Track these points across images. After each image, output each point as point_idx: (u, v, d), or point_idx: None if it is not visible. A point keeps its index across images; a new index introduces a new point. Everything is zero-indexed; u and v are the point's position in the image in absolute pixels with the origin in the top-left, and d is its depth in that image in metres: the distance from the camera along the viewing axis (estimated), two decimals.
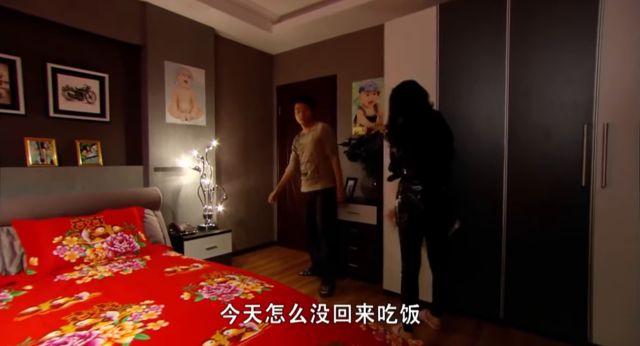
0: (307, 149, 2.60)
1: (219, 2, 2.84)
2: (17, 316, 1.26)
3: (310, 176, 2.60)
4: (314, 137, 2.57)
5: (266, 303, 1.35)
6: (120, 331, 1.12)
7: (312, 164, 2.59)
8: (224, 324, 1.17)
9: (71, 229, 1.94)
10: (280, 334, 1.12)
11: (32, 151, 2.17)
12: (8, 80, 2.07)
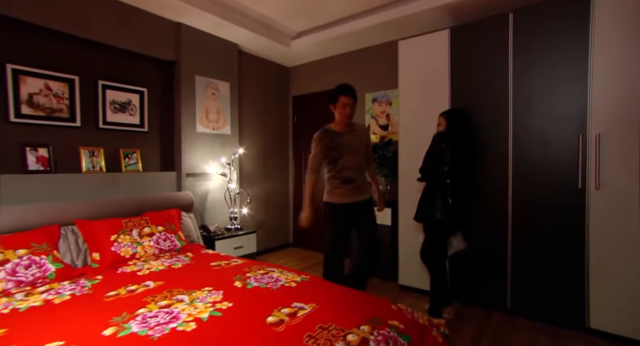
0: (354, 152, 2.15)
1: (244, 21, 3.11)
2: (104, 297, 1.50)
3: (360, 184, 2.19)
4: (364, 139, 2.22)
5: (307, 290, 1.59)
6: (195, 309, 1.36)
7: (361, 170, 2.21)
8: (279, 304, 1.40)
9: (123, 228, 2.18)
10: (329, 311, 1.35)
11: (86, 159, 2.42)
12: (68, 96, 2.33)
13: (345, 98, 2.10)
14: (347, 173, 2.14)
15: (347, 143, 2.15)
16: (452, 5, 2.63)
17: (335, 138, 2.14)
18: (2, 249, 1.68)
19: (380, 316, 1.33)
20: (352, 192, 2.16)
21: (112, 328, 1.21)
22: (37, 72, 2.19)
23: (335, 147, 2.14)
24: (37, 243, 1.81)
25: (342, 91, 2.11)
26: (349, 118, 2.14)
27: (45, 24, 2.16)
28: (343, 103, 2.10)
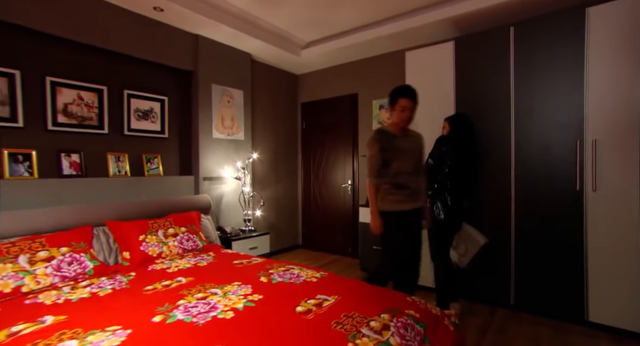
0: (409, 157, 2.04)
1: (257, 32, 3.27)
2: (142, 291, 1.64)
3: (415, 190, 2.07)
4: (419, 146, 2.13)
5: (328, 284, 1.73)
6: (229, 301, 1.50)
7: (416, 177, 2.07)
8: (305, 296, 1.54)
9: (150, 229, 2.33)
10: (351, 302, 1.49)
11: (112, 164, 2.57)
12: (97, 105, 2.48)
13: (405, 101, 1.96)
14: (401, 179, 2.00)
15: (403, 146, 2.02)
16: (457, 18, 2.79)
17: (391, 140, 2.02)
18: (48, 247, 1.83)
19: (397, 306, 1.47)
20: (406, 199, 2.02)
21: (160, 316, 1.35)
22: (71, 83, 2.35)
23: (389, 148, 2.00)
24: (76, 242, 1.96)
25: (401, 93, 1.98)
26: (408, 122, 2.01)
27: (79, 39, 2.32)
28: (402, 106, 1.97)
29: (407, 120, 2.00)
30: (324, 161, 4.20)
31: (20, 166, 2.11)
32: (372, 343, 1.16)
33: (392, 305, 1.48)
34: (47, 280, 1.72)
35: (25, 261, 1.72)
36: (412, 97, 1.98)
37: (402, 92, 1.98)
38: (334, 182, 4.11)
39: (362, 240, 3.39)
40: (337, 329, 1.24)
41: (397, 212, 2.02)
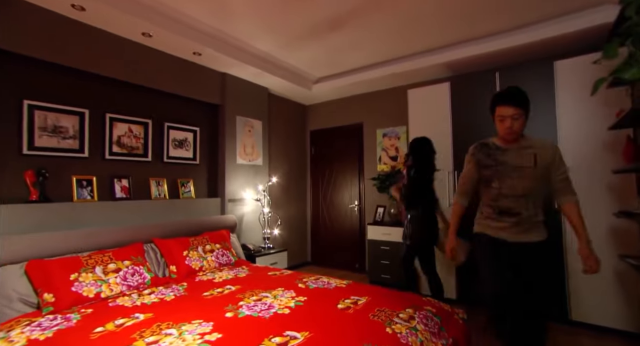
0: (518, 175, 1.65)
1: (276, 70, 3.72)
2: (202, 296, 1.95)
3: (526, 219, 1.66)
4: (544, 160, 1.63)
5: (355, 289, 2.07)
6: (281, 301, 1.82)
7: (529, 201, 1.67)
8: (341, 297, 1.87)
9: (191, 245, 2.64)
10: (380, 301, 1.82)
11: (154, 188, 2.90)
12: (143, 136, 2.85)
13: (503, 109, 1.60)
14: (504, 203, 1.66)
15: (509, 162, 1.65)
16: (450, 63, 3.30)
17: (493, 154, 1.69)
18: (115, 260, 2.13)
19: (417, 303, 1.82)
20: (510, 228, 1.67)
21: (230, 312, 1.66)
22: (124, 118, 2.72)
23: (490, 165, 1.69)
24: (134, 256, 2.26)
25: (497, 100, 1.63)
26: (513, 134, 1.61)
27: (134, 81, 2.72)
28: (500, 115, 1.62)
29: (510, 133, 1.60)
30: (332, 184, 4.58)
31: (84, 190, 2.43)
32: (404, 328, 1.51)
33: (413, 302, 1.83)
34: (117, 288, 2.02)
35: (101, 272, 2.02)
36: (512, 102, 1.57)
37: (498, 99, 1.62)
38: (341, 203, 4.48)
39: (371, 255, 3.72)
40: (374, 319, 1.58)
41: (494, 238, 1.70)
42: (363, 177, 4.28)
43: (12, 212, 2.02)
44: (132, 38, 2.67)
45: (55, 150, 2.32)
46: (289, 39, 3.13)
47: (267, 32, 3.00)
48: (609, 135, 2.32)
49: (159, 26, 2.55)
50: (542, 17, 2.71)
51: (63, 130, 2.35)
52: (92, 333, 1.48)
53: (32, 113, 2.20)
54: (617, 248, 2.32)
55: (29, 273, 1.84)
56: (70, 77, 2.42)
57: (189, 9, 2.59)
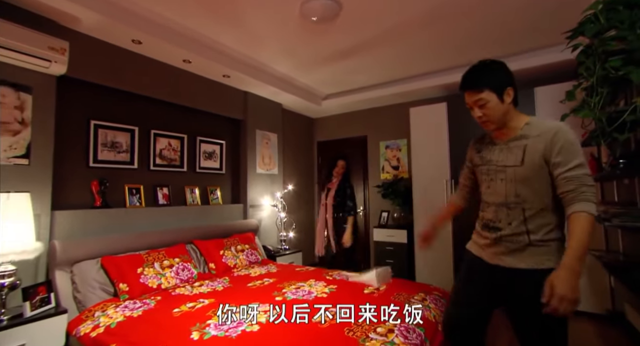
0: (502, 178, 1.26)
1: (290, 88, 4.14)
2: (247, 287, 2.32)
3: (508, 236, 1.24)
4: (535, 151, 1.19)
5: None
6: (316, 289, 2.21)
7: (516, 212, 1.22)
8: (363, 286, 2.27)
9: (225, 246, 3.01)
10: (396, 288, 2.23)
11: (188, 195, 3.26)
12: (179, 149, 3.22)
13: (465, 98, 1.30)
14: (487, 213, 1.32)
15: (493, 161, 1.30)
16: (446, 85, 3.78)
17: (483, 150, 1.38)
18: (167, 257, 2.49)
19: (426, 290, 2.23)
20: (489, 247, 1.30)
21: (278, 297, 2.05)
22: (165, 133, 3.09)
23: (478, 164, 1.38)
24: (182, 255, 2.62)
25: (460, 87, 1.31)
26: (489, 124, 1.26)
27: (175, 101, 3.10)
28: (467, 105, 1.32)
29: (484, 123, 1.28)
30: None
31: (134, 198, 2.78)
32: (420, 305, 1.92)
33: (422, 289, 2.24)
34: (173, 281, 2.38)
35: (159, 267, 2.38)
36: (467, 87, 1.27)
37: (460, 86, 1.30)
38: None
39: (377, 255, 4.13)
40: (396, 300, 1.98)
41: (475, 258, 1.37)
42: (368, 184, 4.71)
43: (83, 216, 2.37)
44: (175, 64, 3.06)
45: (113, 163, 2.68)
46: (305, 62, 3.56)
47: (286, 56, 3.42)
48: None
49: (197, 54, 2.94)
50: (524, 49, 3.21)
51: (118, 145, 2.72)
52: (173, 312, 1.84)
53: (97, 131, 2.57)
54: None
55: (105, 266, 2.19)
56: (125, 99, 2.79)
57: (223, 38, 2.98)
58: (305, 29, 2.76)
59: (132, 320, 1.78)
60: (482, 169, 1.34)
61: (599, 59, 1.55)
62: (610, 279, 2.70)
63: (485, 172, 1.32)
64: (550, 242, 1.18)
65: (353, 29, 2.79)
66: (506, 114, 1.23)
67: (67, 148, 2.42)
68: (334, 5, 2.37)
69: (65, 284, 2.06)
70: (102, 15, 2.24)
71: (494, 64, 1.24)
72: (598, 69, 1.56)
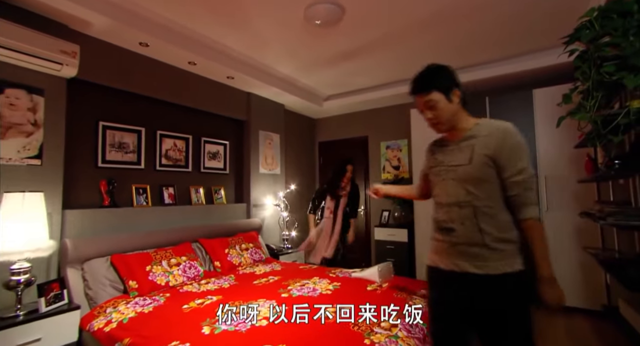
0: (453, 178, 1.26)
1: (293, 89, 4.20)
2: (253, 284, 2.38)
3: (462, 236, 1.21)
4: (483, 150, 1.20)
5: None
6: (321, 286, 2.27)
7: (467, 212, 1.20)
8: (366, 283, 2.33)
9: (230, 244, 3.06)
10: (400, 284, 2.29)
11: (193, 195, 3.32)
12: (184, 150, 3.27)
13: (416, 102, 1.30)
14: (439, 214, 1.30)
15: (445, 161, 1.30)
16: None
17: (436, 152, 1.37)
18: (175, 256, 2.55)
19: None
20: (442, 252, 1.26)
21: (284, 294, 2.11)
22: (171, 134, 3.14)
23: (431, 166, 1.38)
24: (189, 253, 2.68)
25: (410, 92, 1.31)
26: (439, 126, 1.28)
27: (179, 102, 3.15)
28: (418, 108, 1.31)
29: (434, 126, 1.29)
30: None
31: (141, 197, 2.84)
32: (420, 303, 1.98)
33: (425, 286, 2.30)
34: (180, 279, 2.43)
35: (166, 265, 2.43)
36: (417, 90, 1.27)
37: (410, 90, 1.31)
38: None
39: (377, 254, 4.20)
40: (398, 297, 2.04)
41: (432, 269, 1.32)
42: (369, 184, 4.77)
43: (92, 215, 2.42)
44: (181, 66, 3.12)
45: (120, 163, 2.73)
46: (307, 64, 3.62)
47: (288, 58, 3.47)
48: (575, 152, 2.87)
49: (202, 56, 2.99)
50: (523, 52, 3.27)
51: (125, 146, 2.77)
52: (182, 308, 1.90)
53: (105, 132, 2.62)
54: (580, 241, 2.86)
55: (114, 264, 2.25)
56: (132, 100, 2.84)
57: (227, 40, 3.04)
58: (308, 31, 2.82)
59: (144, 315, 1.84)
60: (435, 171, 1.34)
61: (594, 64, 1.61)
62: (606, 276, 2.77)
63: (437, 173, 1.33)
64: (504, 242, 1.17)
65: (355, 32, 2.85)
66: (455, 115, 1.26)
67: (76, 149, 2.47)
68: (337, 10, 2.43)
69: (77, 281, 2.12)
70: (111, 18, 2.30)
71: (439, 68, 1.29)
72: (593, 74, 1.62)
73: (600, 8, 1.60)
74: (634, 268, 1.90)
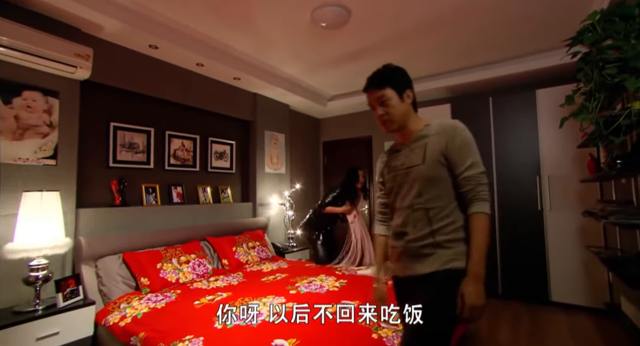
0: (405, 181, 1.23)
1: (297, 90, 4.24)
2: (261, 281, 2.43)
3: (413, 241, 1.18)
4: (435, 148, 1.18)
5: None
6: (328, 283, 2.32)
7: (419, 214, 1.18)
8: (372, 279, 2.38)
9: (237, 243, 3.12)
10: None
11: (201, 194, 3.38)
12: (192, 150, 3.33)
13: (367, 98, 1.29)
14: (395, 219, 1.27)
15: (399, 165, 1.26)
16: (450, 87, 3.88)
17: (390, 159, 1.32)
18: (184, 253, 2.61)
19: None
20: (399, 258, 1.25)
21: (292, 290, 2.16)
22: (179, 134, 3.20)
23: (386, 173, 1.32)
24: (197, 251, 2.74)
25: (364, 89, 1.29)
26: (389, 124, 1.24)
27: (186, 102, 3.21)
28: (370, 105, 1.29)
29: (384, 123, 1.25)
30: None
31: (150, 196, 2.90)
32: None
33: None
34: (190, 276, 2.49)
35: (176, 262, 2.49)
36: (371, 86, 1.26)
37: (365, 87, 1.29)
38: None
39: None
40: None
41: (393, 278, 1.34)
42: (372, 183, 4.81)
43: (104, 213, 2.49)
44: (189, 68, 3.17)
45: (130, 163, 2.79)
46: (312, 65, 3.67)
47: (294, 59, 3.52)
48: (578, 152, 2.90)
49: (209, 57, 3.04)
50: (527, 52, 3.30)
51: (135, 146, 2.83)
52: (194, 304, 1.96)
53: (116, 133, 2.68)
54: (583, 240, 2.90)
55: (126, 261, 2.31)
56: (141, 101, 2.90)
57: (234, 42, 3.08)
58: (314, 33, 2.87)
59: (157, 311, 1.90)
60: (390, 177, 1.29)
61: (597, 66, 1.65)
62: (609, 274, 2.80)
63: (392, 179, 1.28)
64: (455, 242, 1.15)
65: (360, 34, 2.89)
66: (405, 115, 1.24)
67: (89, 149, 2.54)
68: (344, 12, 2.47)
69: (91, 277, 2.18)
70: (122, 22, 2.35)
71: (396, 68, 1.29)
72: (596, 76, 1.66)
73: (603, 11, 1.64)
74: (636, 266, 1.94)
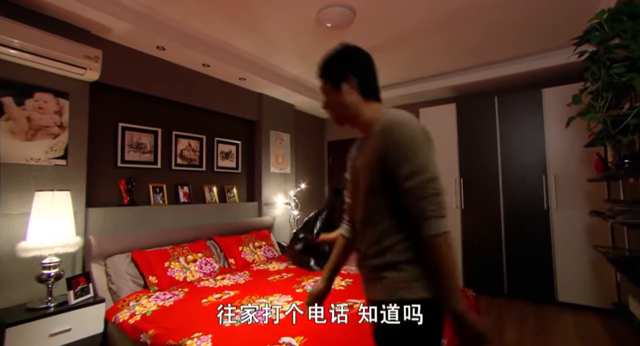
0: (352, 184, 1.10)
1: (302, 89, 4.26)
2: (267, 280, 2.45)
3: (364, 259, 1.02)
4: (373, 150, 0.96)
5: None
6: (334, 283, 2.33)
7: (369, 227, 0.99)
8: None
9: (244, 242, 3.15)
10: None
11: (207, 193, 3.41)
12: (198, 150, 3.36)
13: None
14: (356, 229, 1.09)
15: (356, 167, 1.07)
16: (455, 86, 3.87)
17: (354, 157, 1.12)
18: (191, 252, 2.63)
19: None
20: (361, 278, 1.08)
21: (299, 289, 2.18)
22: (186, 134, 3.23)
23: (349, 173, 1.13)
24: (204, 250, 2.76)
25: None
26: (335, 120, 1.11)
27: (192, 103, 3.24)
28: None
29: (331, 117, 1.12)
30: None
31: (158, 196, 2.93)
32: None
33: None
34: (197, 274, 2.52)
35: (184, 261, 2.52)
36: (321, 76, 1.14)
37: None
38: None
39: None
40: None
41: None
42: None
43: (112, 213, 2.52)
44: (195, 68, 3.20)
45: (138, 163, 2.83)
46: (317, 64, 3.67)
47: (299, 60, 3.53)
48: (585, 151, 2.88)
49: (215, 58, 3.07)
50: (533, 51, 3.28)
51: (143, 146, 2.87)
52: (202, 302, 1.99)
53: (124, 133, 2.72)
54: (590, 240, 2.88)
55: (135, 260, 2.34)
56: (148, 102, 2.94)
57: (240, 43, 3.11)
58: (319, 34, 2.88)
59: (165, 309, 1.93)
60: (350, 179, 1.10)
61: (604, 65, 1.64)
62: (616, 274, 2.78)
63: (352, 181, 1.08)
64: (403, 264, 0.91)
65: (365, 34, 2.90)
66: (345, 107, 1.04)
67: (97, 150, 2.57)
68: (349, 13, 2.48)
69: (100, 276, 2.21)
70: (130, 24, 2.38)
71: (337, 53, 1.11)
72: (603, 75, 1.66)
73: (611, 10, 1.63)
74: None
